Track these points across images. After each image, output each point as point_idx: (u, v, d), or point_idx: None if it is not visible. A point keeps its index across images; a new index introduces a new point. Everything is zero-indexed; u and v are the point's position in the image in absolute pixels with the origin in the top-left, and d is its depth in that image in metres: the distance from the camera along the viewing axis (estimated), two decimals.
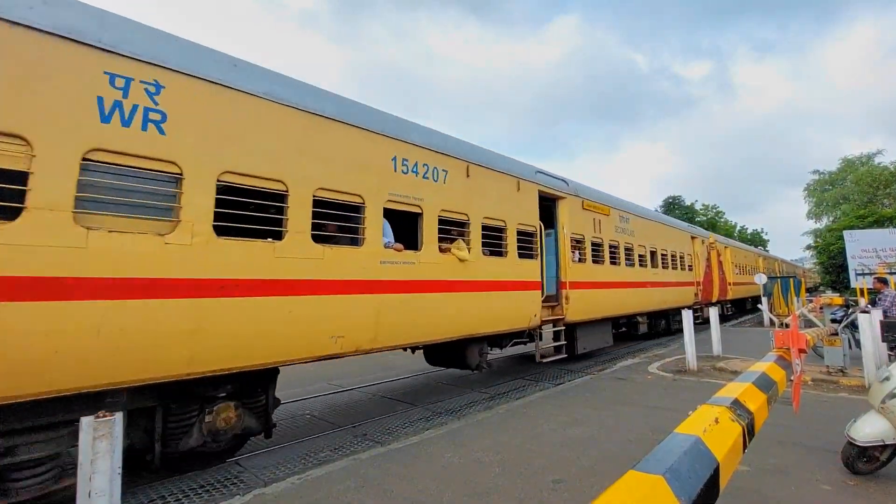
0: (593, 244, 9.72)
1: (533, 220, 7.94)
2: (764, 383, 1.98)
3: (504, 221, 7.23)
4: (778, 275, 29.17)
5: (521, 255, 7.51)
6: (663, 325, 14.46)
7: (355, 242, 5.04)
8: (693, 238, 16.60)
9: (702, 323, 14.76)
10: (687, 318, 8.90)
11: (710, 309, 10.79)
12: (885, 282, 9.88)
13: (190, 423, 4.08)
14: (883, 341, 6.79)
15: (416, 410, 6.71)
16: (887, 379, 3.56)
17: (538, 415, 5.74)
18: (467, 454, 4.44)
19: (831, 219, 42.38)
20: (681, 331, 12.94)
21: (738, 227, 61.28)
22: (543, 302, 8.04)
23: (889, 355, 6.82)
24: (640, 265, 11.91)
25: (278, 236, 4.35)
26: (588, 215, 9.68)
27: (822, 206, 44.45)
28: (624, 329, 12.86)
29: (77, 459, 2.42)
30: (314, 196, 4.61)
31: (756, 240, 61.07)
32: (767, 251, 49.33)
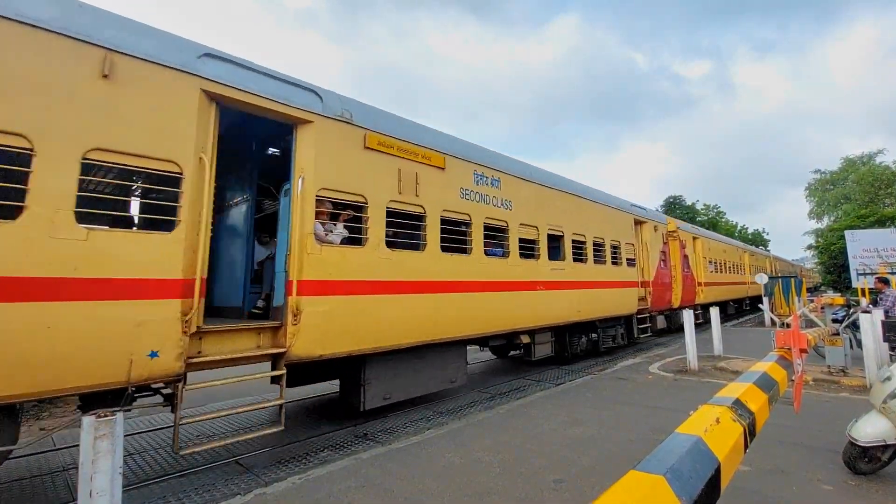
0: (397, 215, 5.84)
1: (169, 151, 3.91)
2: (765, 383, 1.98)
3: (28, 139, 3.24)
4: (771, 273, 28.82)
5: (94, 223, 3.62)
6: (584, 343, 10.07)
7: None
8: (639, 222, 12.33)
9: (651, 336, 12.98)
10: (688, 317, 8.91)
11: (711, 309, 10.77)
12: (886, 282, 9.88)
13: None
14: (884, 341, 6.78)
15: (416, 410, 6.71)
16: (888, 379, 3.56)
17: (539, 415, 5.74)
18: (468, 454, 4.44)
19: (832, 218, 42.35)
20: (618, 348, 11.72)
21: (738, 227, 61.29)
22: (221, 325, 4.38)
23: (890, 355, 6.81)
24: (526, 256, 7.91)
25: None
26: (382, 162, 5.68)
27: (823, 206, 44.45)
28: (515, 351, 8.90)
29: (78, 459, 2.42)
30: None
31: (757, 240, 61.06)
32: (769, 251, 49.20)
